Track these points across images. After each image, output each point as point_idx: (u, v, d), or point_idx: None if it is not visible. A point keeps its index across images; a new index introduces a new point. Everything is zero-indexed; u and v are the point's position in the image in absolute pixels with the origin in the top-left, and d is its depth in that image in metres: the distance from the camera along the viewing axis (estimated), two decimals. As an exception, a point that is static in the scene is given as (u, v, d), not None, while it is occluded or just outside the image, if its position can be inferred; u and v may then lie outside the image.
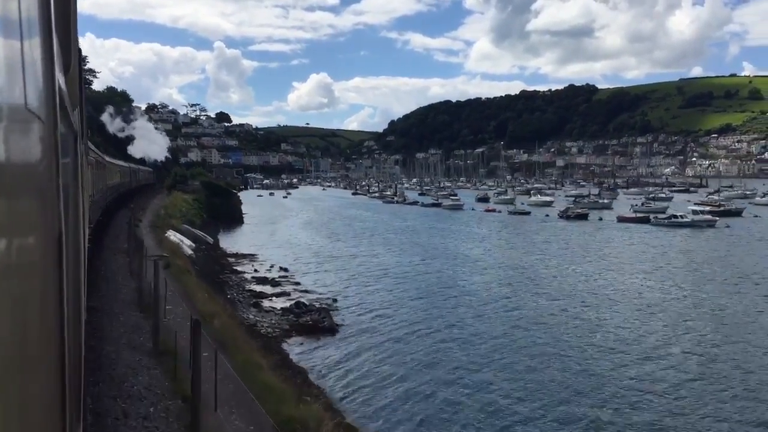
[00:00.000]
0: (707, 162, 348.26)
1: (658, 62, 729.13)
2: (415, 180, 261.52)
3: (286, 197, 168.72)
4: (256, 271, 45.99)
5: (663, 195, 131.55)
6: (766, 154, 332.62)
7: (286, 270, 46.22)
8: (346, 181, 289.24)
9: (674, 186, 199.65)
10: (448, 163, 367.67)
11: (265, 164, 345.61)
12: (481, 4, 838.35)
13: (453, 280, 43.13)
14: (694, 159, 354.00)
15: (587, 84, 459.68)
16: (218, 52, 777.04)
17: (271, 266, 47.94)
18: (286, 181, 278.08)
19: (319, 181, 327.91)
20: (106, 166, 30.07)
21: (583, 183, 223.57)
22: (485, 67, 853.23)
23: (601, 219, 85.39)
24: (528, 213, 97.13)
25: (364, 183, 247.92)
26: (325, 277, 44.04)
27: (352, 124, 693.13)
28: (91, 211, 16.21)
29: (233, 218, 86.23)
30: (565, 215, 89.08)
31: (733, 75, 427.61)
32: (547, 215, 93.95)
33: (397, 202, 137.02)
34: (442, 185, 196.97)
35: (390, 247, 61.26)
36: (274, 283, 40.91)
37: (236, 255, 54.12)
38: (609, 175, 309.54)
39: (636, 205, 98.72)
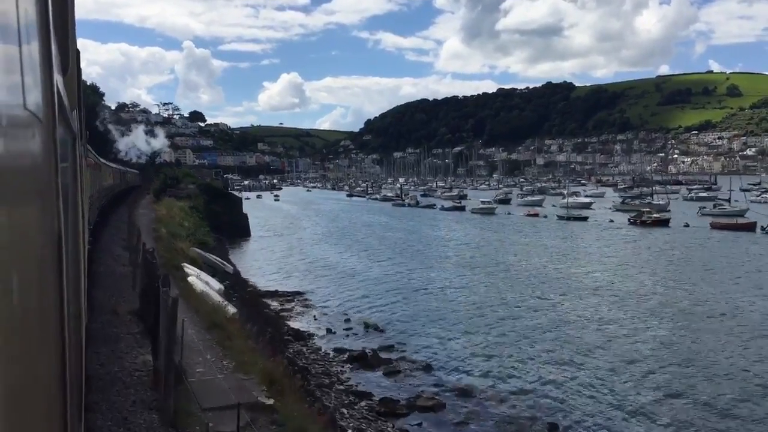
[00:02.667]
0: (689, 159, 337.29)
1: (626, 61, 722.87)
2: (402, 180, 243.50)
3: (277, 200, 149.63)
4: (330, 332, 27.61)
5: (705, 195, 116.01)
6: (747, 151, 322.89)
7: (377, 329, 27.95)
8: (332, 182, 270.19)
9: (682, 184, 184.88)
10: (426, 162, 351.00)
11: (242, 165, 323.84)
12: (451, 4, 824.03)
13: (639, 339, 25.56)
14: (675, 156, 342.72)
15: (565, 81, 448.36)
16: (187, 52, 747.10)
17: (347, 320, 29.68)
18: (266, 182, 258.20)
19: (299, 181, 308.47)
20: (101, 168, 27.70)
21: (584, 182, 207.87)
22: (456, 67, 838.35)
23: (687, 225, 68.48)
24: (585, 219, 79.80)
25: (352, 182, 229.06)
26: (460, 346, 25.52)
27: (324, 124, 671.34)
28: (90, 213, 15.28)
29: (238, 230, 67.39)
30: (638, 221, 72.01)
31: (709, 72, 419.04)
32: (611, 220, 76.78)
33: (409, 205, 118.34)
34: (447, 185, 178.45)
35: (472, 272, 43.35)
36: (387, 366, 22.59)
37: (276, 295, 35.74)
38: (591, 173, 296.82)
39: (705, 208, 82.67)
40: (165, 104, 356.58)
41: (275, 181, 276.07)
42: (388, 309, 32.34)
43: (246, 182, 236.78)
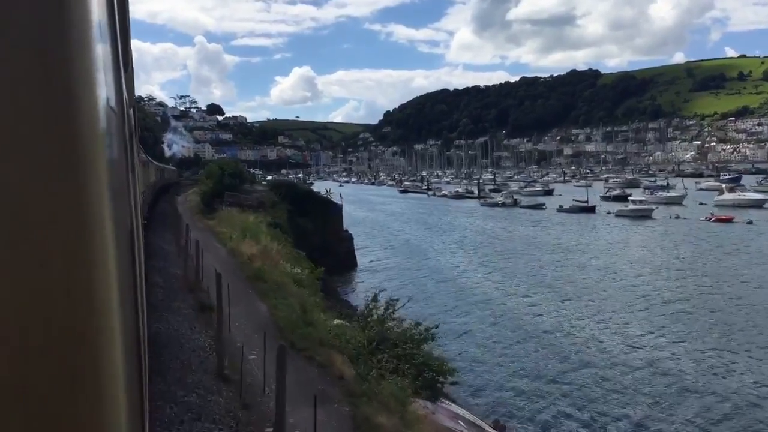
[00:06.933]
0: (730, 146, 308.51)
1: (640, 49, 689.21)
2: (440, 172, 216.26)
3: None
4: None
5: None
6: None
7: None
8: (370, 175, 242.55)
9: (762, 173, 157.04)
10: (448, 153, 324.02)
11: (263, 159, 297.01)
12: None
13: None
14: (713, 143, 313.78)
15: (590, 69, 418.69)
16: (199, 47, 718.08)
17: None
18: (292, 177, 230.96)
19: (324, 175, 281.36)
20: (148, 165, 26.32)
21: (651, 171, 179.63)
22: (467, 58, 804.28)
23: None
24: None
25: (400, 175, 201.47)
26: None
27: (337, 117, 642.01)
28: (142, 208, 13.69)
29: (338, 258, 40.16)
30: None
31: (742, 56, 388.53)
32: None
33: (504, 204, 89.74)
34: (528, 178, 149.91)
35: None
36: None
37: None
38: (623, 163, 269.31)
39: None
40: (181, 97, 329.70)
41: (300, 175, 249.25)
42: None
43: (269, 177, 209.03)
